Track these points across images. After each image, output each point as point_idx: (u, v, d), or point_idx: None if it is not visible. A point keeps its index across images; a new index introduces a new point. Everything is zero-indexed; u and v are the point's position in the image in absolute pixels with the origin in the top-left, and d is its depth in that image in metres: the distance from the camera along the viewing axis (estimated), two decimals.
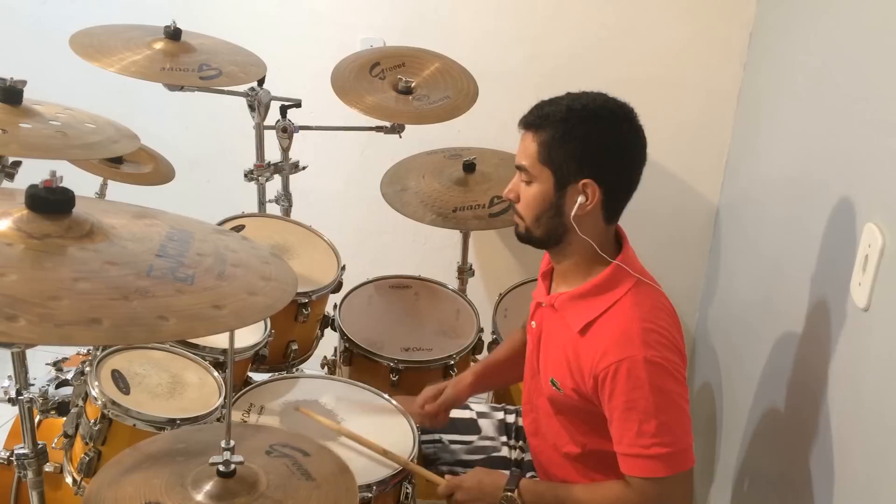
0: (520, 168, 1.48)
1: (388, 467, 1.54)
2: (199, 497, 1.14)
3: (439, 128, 2.33)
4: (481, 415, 1.84)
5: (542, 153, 1.44)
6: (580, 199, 1.43)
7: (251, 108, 2.21)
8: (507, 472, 1.54)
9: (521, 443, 1.79)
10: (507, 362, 1.80)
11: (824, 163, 1.58)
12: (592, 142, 1.43)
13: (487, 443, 1.78)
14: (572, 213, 1.43)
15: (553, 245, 1.52)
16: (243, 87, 2.17)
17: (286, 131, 2.26)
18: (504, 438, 1.80)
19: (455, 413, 1.82)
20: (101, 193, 2.14)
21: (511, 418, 1.84)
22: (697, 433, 1.42)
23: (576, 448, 1.54)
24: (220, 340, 1.75)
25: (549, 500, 1.49)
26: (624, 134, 1.45)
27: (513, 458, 1.77)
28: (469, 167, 2.30)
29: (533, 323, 1.62)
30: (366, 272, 2.29)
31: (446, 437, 1.78)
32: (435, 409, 1.75)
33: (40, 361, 1.90)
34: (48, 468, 1.60)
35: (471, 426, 1.81)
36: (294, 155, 2.34)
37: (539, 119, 1.45)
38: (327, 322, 2.19)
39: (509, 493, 1.48)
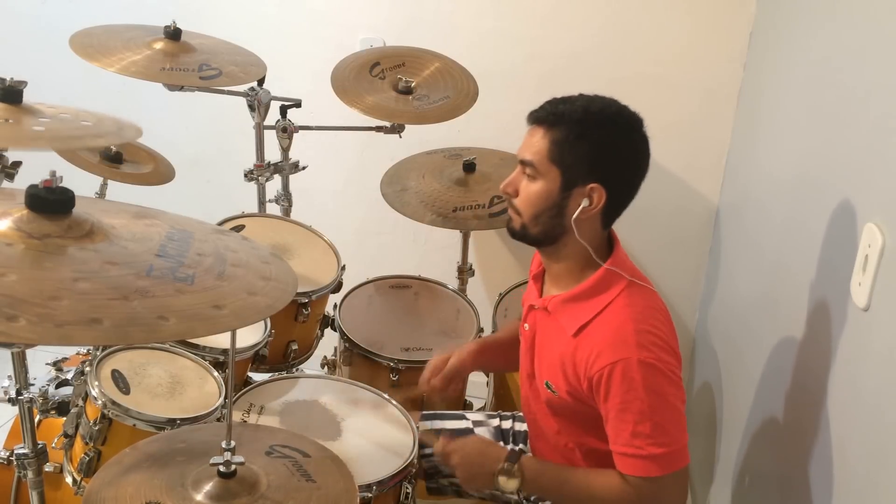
0: (525, 163, 1.45)
1: (387, 467, 1.54)
2: (200, 497, 1.14)
3: (439, 128, 2.33)
4: (477, 423, 1.84)
5: (554, 151, 1.41)
6: (584, 202, 1.42)
7: (251, 108, 2.22)
8: (510, 447, 1.52)
9: (520, 446, 1.78)
10: (512, 343, 1.75)
11: (824, 163, 1.58)
12: (606, 147, 1.41)
13: None
14: (573, 216, 1.42)
15: (547, 245, 1.50)
16: (243, 87, 2.17)
17: (286, 131, 2.26)
18: (501, 444, 1.79)
19: (451, 424, 1.82)
20: (101, 193, 2.14)
21: (507, 424, 1.84)
22: (697, 433, 1.42)
23: (576, 449, 1.54)
24: (220, 340, 1.75)
25: (549, 478, 1.49)
26: (636, 143, 1.44)
27: None
28: (469, 167, 2.30)
29: (526, 325, 1.60)
30: (366, 272, 2.29)
31: None
32: (441, 382, 1.74)
33: (40, 361, 1.89)
34: (48, 468, 1.60)
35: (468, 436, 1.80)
36: (294, 155, 2.34)
37: (553, 116, 1.43)
38: (327, 322, 2.19)
39: (508, 465, 1.47)
